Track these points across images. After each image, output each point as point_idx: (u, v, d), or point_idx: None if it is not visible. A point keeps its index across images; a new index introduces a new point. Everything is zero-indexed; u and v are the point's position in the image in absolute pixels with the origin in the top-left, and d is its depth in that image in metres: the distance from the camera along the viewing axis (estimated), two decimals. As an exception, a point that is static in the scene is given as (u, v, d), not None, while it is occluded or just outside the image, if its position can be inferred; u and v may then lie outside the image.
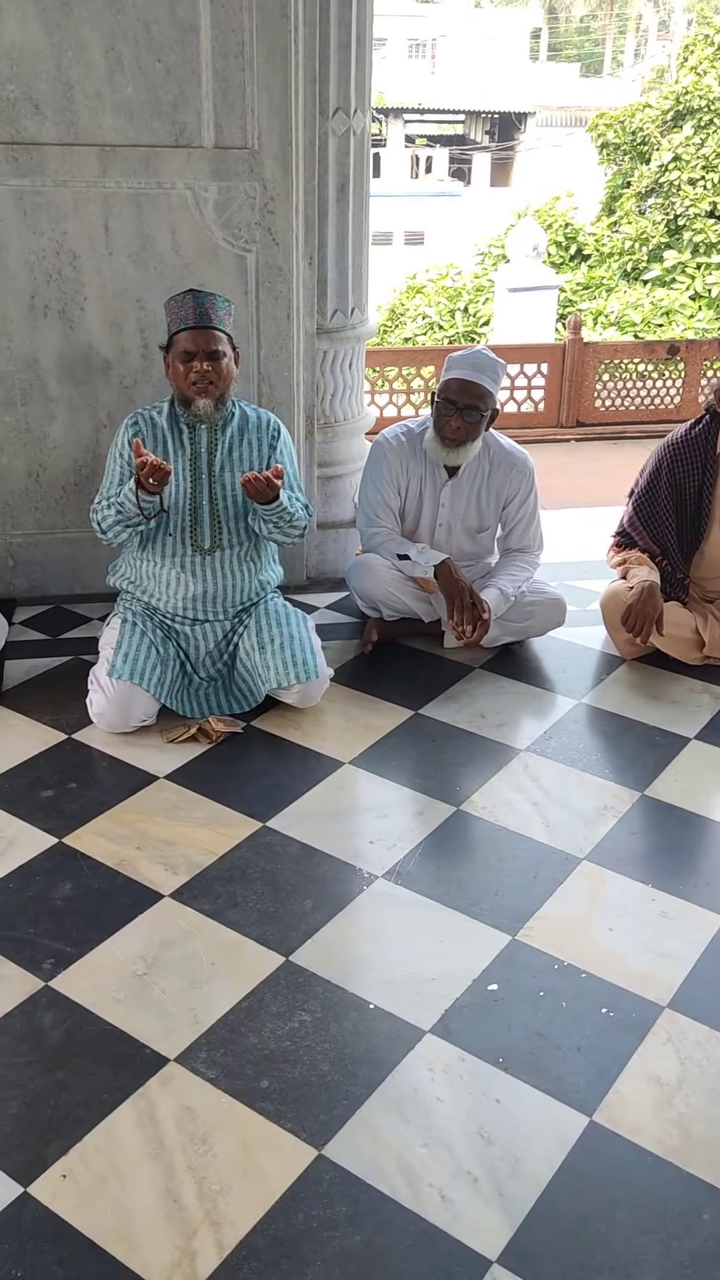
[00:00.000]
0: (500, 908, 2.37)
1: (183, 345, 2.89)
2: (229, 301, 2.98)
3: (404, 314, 13.92)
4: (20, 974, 2.15)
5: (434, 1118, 1.88)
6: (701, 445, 3.38)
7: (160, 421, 3.00)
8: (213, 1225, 1.68)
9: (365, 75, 3.47)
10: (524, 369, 7.85)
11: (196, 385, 2.89)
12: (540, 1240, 1.68)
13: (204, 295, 2.90)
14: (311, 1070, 1.96)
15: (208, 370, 2.88)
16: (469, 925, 2.32)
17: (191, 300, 2.89)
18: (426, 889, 2.43)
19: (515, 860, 2.54)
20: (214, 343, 2.89)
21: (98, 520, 2.98)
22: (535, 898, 2.41)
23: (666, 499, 3.40)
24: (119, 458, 3.00)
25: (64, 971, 2.16)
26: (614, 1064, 1.99)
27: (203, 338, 2.87)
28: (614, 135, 15.18)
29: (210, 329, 2.88)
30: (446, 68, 33.06)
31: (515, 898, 2.41)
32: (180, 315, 2.89)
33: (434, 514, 3.42)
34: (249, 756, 2.91)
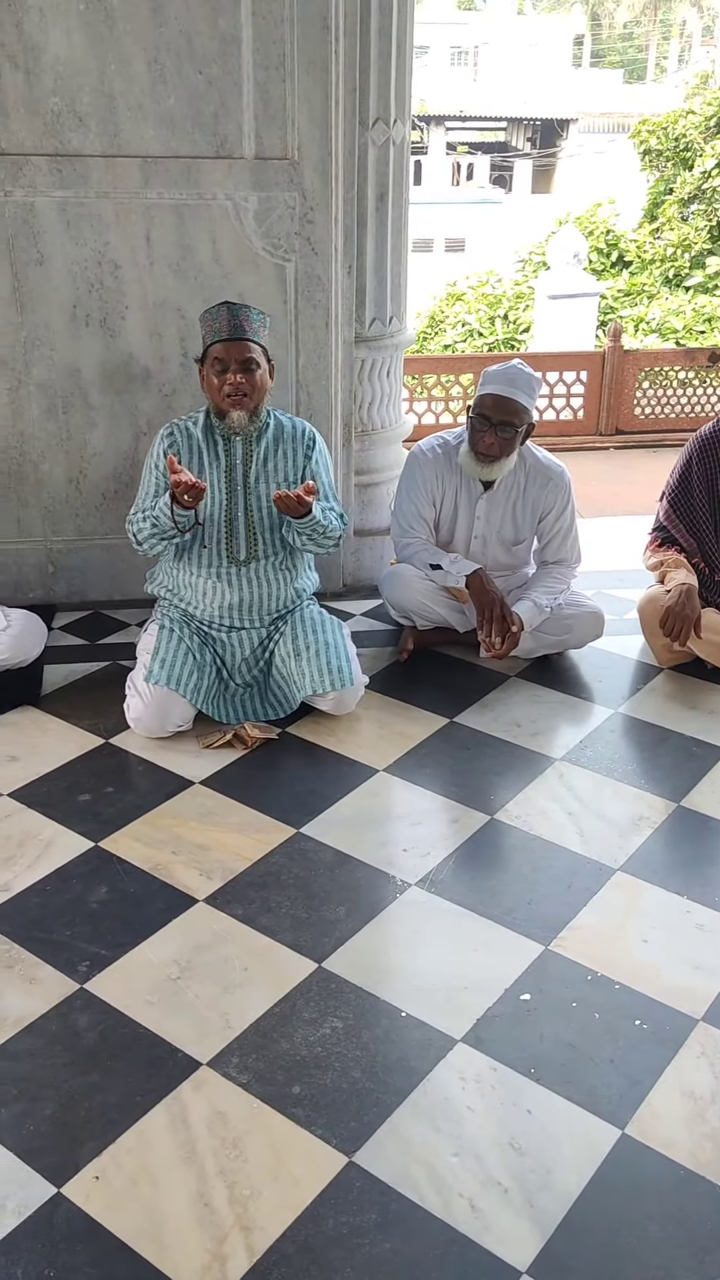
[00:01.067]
0: (534, 917, 2.37)
1: (217, 356, 2.91)
2: (264, 314, 2.99)
3: (444, 321, 13.90)
4: (56, 976, 2.18)
5: (465, 1127, 1.87)
6: None
7: (195, 432, 3.03)
8: (243, 1230, 1.69)
9: (405, 85, 3.48)
10: (563, 377, 7.82)
11: (231, 397, 2.91)
12: (571, 1252, 1.67)
13: (238, 307, 2.92)
14: (343, 1077, 1.96)
15: (241, 382, 2.89)
16: (502, 934, 2.32)
17: (226, 312, 2.90)
18: (460, 897, 2.43)
19: (549, 870, 2.53)
20: (248, 353, 2.90)
21: (133, 531, 3.02)
22: (569, 908, 2.40)
23: (700, 491, 3.39)
24: (154, 469, 3.03)
25: (99, 974, 2.18)
26: (647, 1077, 1.97)
27: (236, 349, 2.89)
28: (657, 141, 15.07)
29: (244, 340, 2.90)
30: (489, 75, 33.10)
31: (549, 907, 2.40)
32: (214, 327, 2.91)
33: (469, 526, 3.42)
34: (284, 763, 2.92)
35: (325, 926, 2.33)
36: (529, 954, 2.26)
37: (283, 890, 2.44)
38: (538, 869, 2.53)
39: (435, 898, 2.43)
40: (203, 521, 2.98)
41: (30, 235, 3.29)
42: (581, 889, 2.46)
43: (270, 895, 2.42)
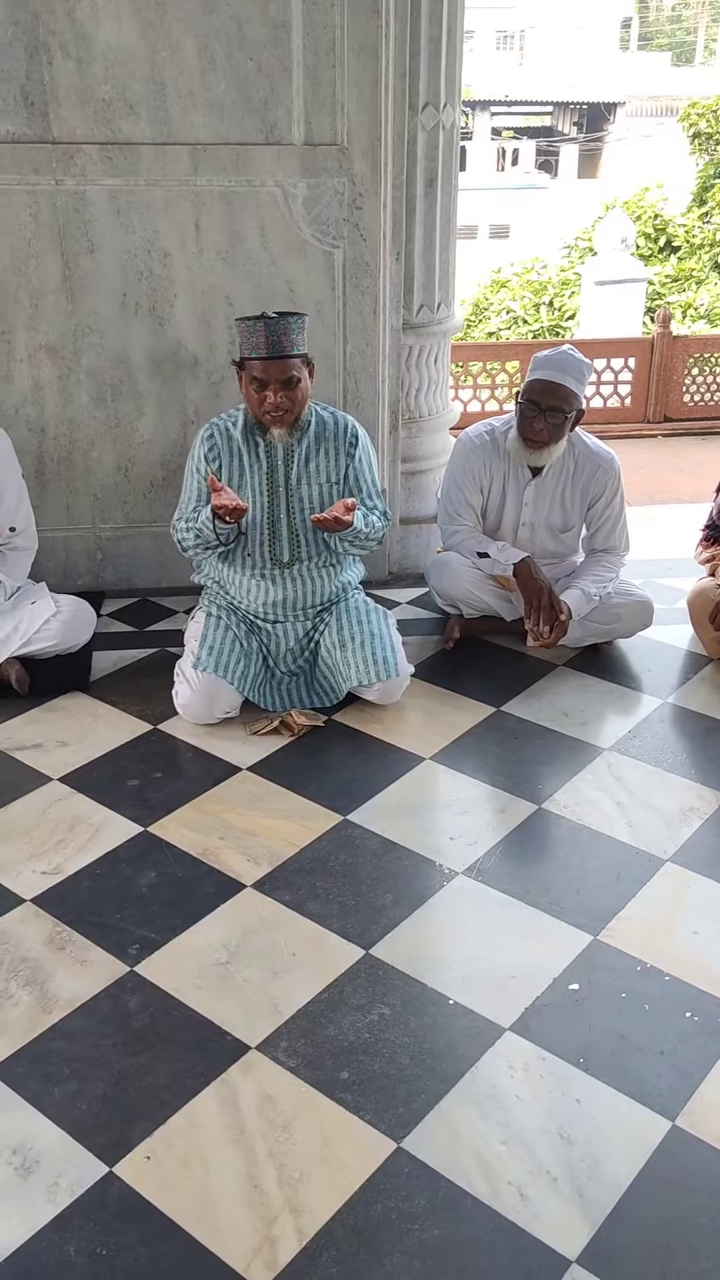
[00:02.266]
0: (582, 907, 2.35)
1: (255, 374, 2.84)
2: (302, 317, 2.87)
3: (488, 309, 13.81)
4: (107, 959, 2.20)
5: (513, 1115, 1.87)
6: None
7: (235, 435, 2.99)
8: (293, 1212, 1.70)
9: (455, 69, 3.45)
10: (610, 364, 7.73)
11: (271, 414, 2.87)
12: (620, 1243, 1.66)
13: (276, 322, 2.80)
14: (391, 1063, 1.96)
15: (282, 400, 2.85)
16: (550, 924, 2.31)
17: (264, 329, 2.79)
18: (507, 886, 2.42)
19: (597, 860, 2.51)
20: (288, 372, 2.83)
21: (178, 539, 3.03)
22: (618, 898, 2.38)
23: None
24: (195, 473, 3.02)
25: (149, 957, 2.20)
26: (698, 1069, 1.96)
27: (276, 369, 2.82)
28: (706, 125, 14.88)
29: (283, 359, 2.82)
30: (535, 59, 32.79)
31: (597, 898, 2.39)
32: (253, 342, 2.81)
33: (517, 513, 3.40)
34: (330, 750, 2.93)
35: (372, 913, 2.33)
36: (577, 944, 2.25)
37: (330, 877, 2.44)
38: (586, 859, 2.52)
39: (482, 886, 2.42)
40: (245, 531, 2.98)
41: (81, 224, 3.31)
42: (630, 879, 2.44)
43: (317, 881, 2.43)
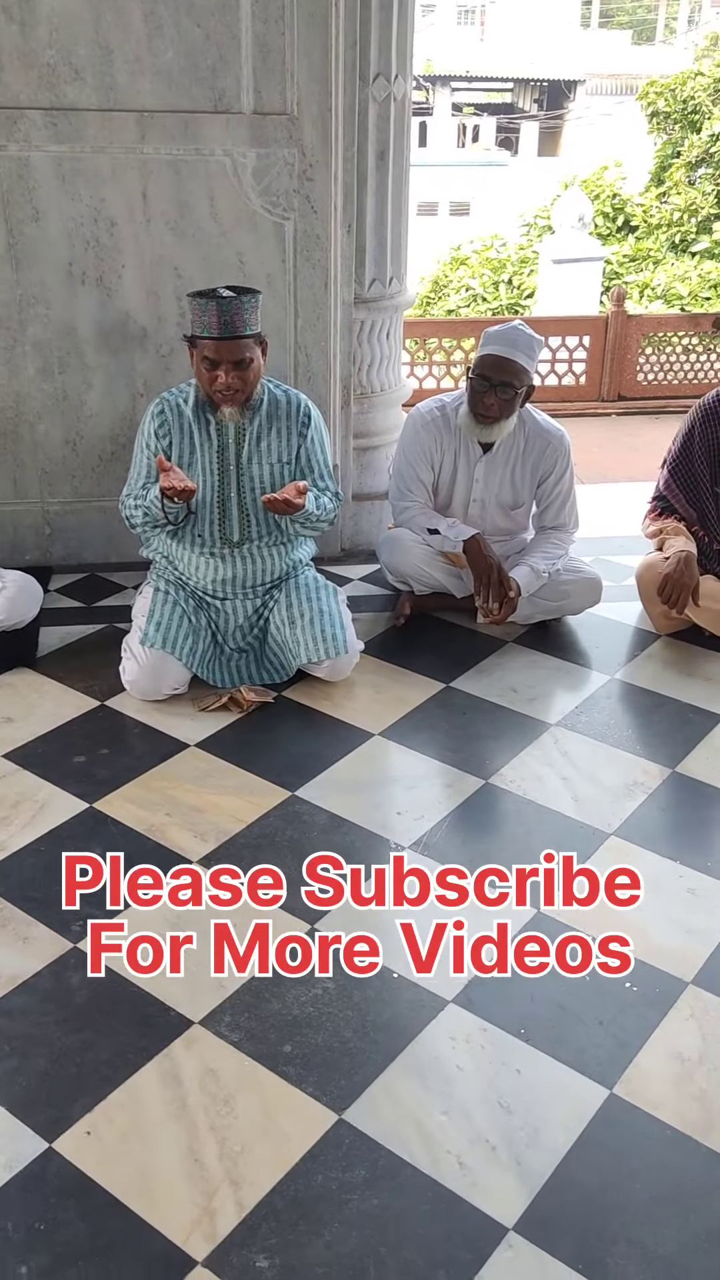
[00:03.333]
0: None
1: (206, 354, 2.80)
2: (255, 295, 2.82)
3: (447, 286, 13.78)
4: (50, 935, 2.18)
5: (454, 1086, 1.89)
6: None
7: (186, 411, 2.95)
8: (233, 1185, 1.71)
9: (407, 40, 3.42)
10: (565, 342, 7.75)
11: (221, 394, 2.85)
12: (557, 1209, 1.69)
13: (228, 301, 2.75)
14: (334, 1036, 1.97)
15: (233, 380, 2.82)
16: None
17: (216, 309, 2.74)
18: (453, 860, 2.43)
19: (542, 834, 2.53)
20: (240, 354, 2.80)
21: (126, 514, 3.00)
22: (562, 872, 2.40)
23: (701, 461, 3.38)
24: (145, 448, 2.98)
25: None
26: (636, 1038, 1.99)
27: (228, 349, 2.78)
28: (664, 104, 14.89)
29: (236, 339, 2.78)
30: (495, 34, 32.58)
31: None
32: (204, 321, 2.76)
33: (468, 489, 3.40)
34: (279, 726, 2.92)
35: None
36: (521, 917, 2.27)
37: (277, 852, 2.44)
38: (530, 833, 2.54)
39: (429, 860, 2.43)
40: (195, 511, 2.95)
41: (25, 190, 3.25)
42: (574, 853, 2.46)
43: (264, 857, 2.42)
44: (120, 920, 2.22)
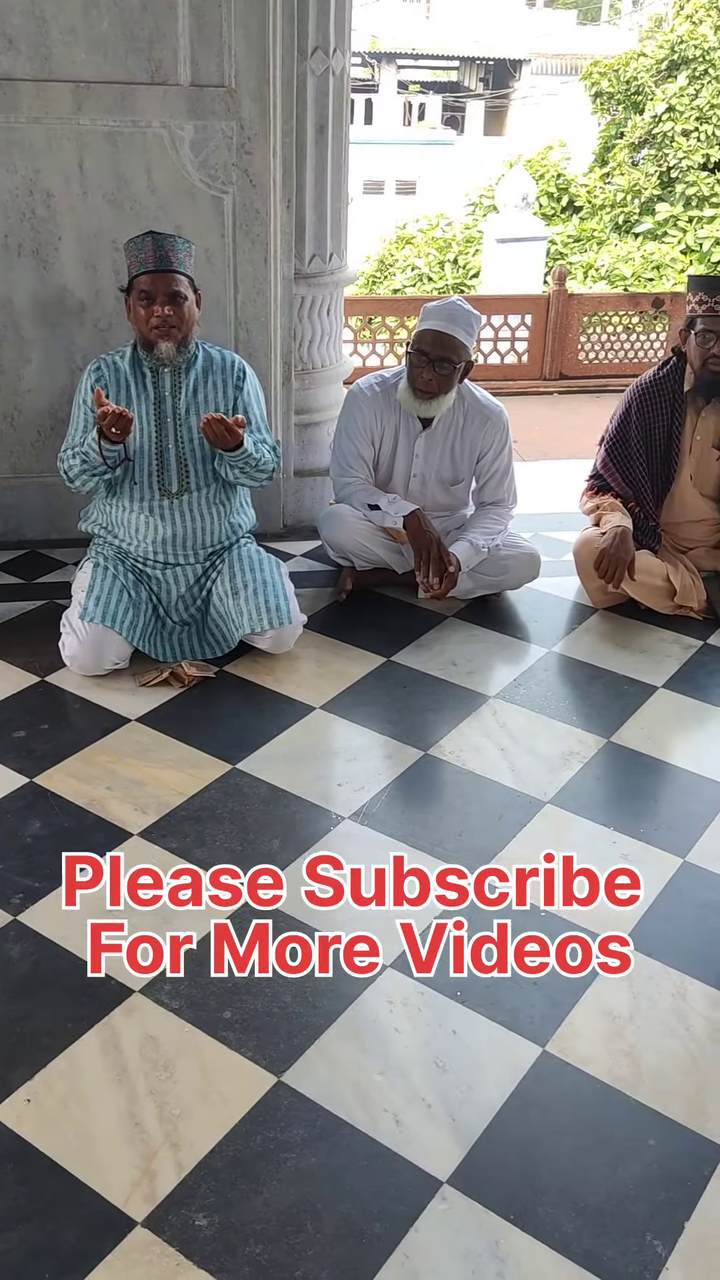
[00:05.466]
0: (464, 848, 2.41)
1: (143, 288, 2.87)
2: (189, 243, 2.95)
3: (393, 265, 13.76)
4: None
5: (391, 1047, 1.92)
6: (669, 387, 3.42)
7: (123, 366, 2.99)
8: (172, 1147, 1.73)
9: (345, 14, 3.42)
10: (507, 320, 7.79)
11: (158, 329, 2.88)
12: (489, 1162, 1.73)
13: (164, 237, 2.88)
14: (273, 1002, 2.00)
15: (169, 314, 2.87)
16: (433, 865, 2.36)
17: (151, 242, 2.85)
18: (392, 830, 2.47)
19: (480, 803, 2.58)
20: (174, 285, 2.87)
21: (64, 469, 2.99)
22: (499, 839, 2.45)
23: (637, 440, 3.43)
24: (83, 404, 2.99)
25: (32, 906, 2.20)
26: (569, 998, 2.04)
27: (162, 281, 2.86)
28: (608, 84, 14.94)
29: (170, 272, 2.86)
30: (441, 12, 32.40)
31: (479, 839, 2.45)
32: (140, 258, 2.87)
33: (408, 465, 3.42)
34: (221, 700, 2.93)
35: (259, 859, 2.36)
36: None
37: (218, 824, 2.46)
38: (469, 802, 2.58)
39: (368, 830, 2.47)
40: (132, 457, 2.95)
41: (-41, 161, 3.20)
42: (512, 821, 2.51)
43: (205, 829, 2.44)
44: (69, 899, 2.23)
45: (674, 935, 2.19)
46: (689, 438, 3.46)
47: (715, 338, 3.30)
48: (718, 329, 3.29)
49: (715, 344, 3.30)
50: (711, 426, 3.45)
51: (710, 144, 13.73)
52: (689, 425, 3.45)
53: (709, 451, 3.46)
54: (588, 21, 36.37)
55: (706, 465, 3.48)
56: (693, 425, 3.45)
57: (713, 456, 3.47)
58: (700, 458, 3.47)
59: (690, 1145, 1.77)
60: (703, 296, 3.30)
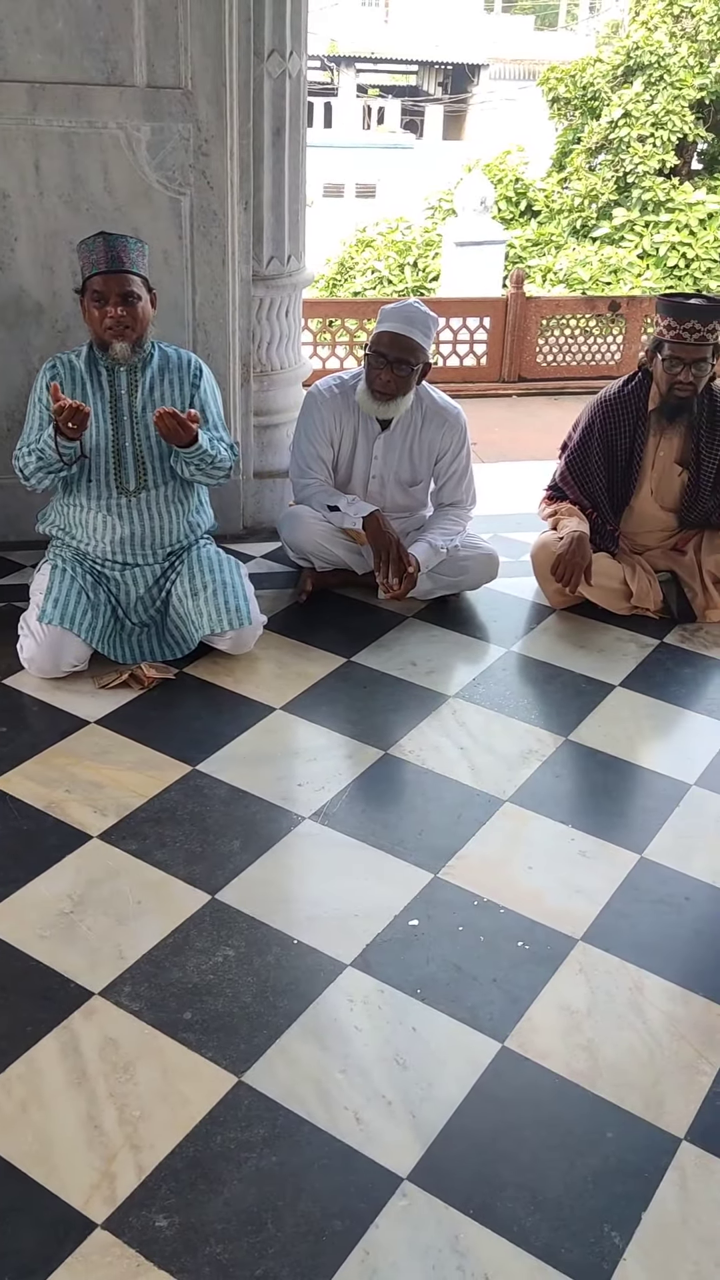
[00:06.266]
0: (424, 847, 2.43)
1: (95, 288, 2.87)
2: (142, 242, 2.96)
3: (353, 268, 13.78)
4: (-54, 913, 2.17)
5: (352, 1045, 1.93)
6: (634, 403, 3.43)
7: (79, 365, 2.99)
8: (133, 1149, 1.73)
9: (301, 17, 3.42)
10: (466, 323, 7.83)
11: (112, 329, 2.88)
12: (449, 1158, 1.74)
13: (115, 238, 2.88)
14: (234, 1002, 2.00)
15: (123, 315, 2.87)
16: (392, 864, 2.37)
17: (102, 243, 2.85)
18: (353, 829, 2.48)
19: (440, 802, 2.59)
20: (127, 286, 2.87)
21: (20, 467, 2.97)
22: (458, 837, 2.46)
23: (598, 455, 3.44)
24: (38, 403, 2.99)
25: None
26: (527, 994, 2.05)
27: (115, 281, 2.86)
28: (565, 90, 15.04)
29: (123, 273, 2.86)
30: (400, 16, 32.51)
31: (439, 837, 2.46)
32: (92, 259, 2.87)
33: (367, 466, 3.44)
34: (181, 702, 2.93)
35: (219, 859, 2.36)
36: (418, 882, 2.32)
37: (177, 825, 2.46)
38: (429, 801, 2.59)
39: (329, 830, 2.47)
40: (88, 454, 2.94)
41: None
42: (471, 820, 2.53)
43: (165, 831, 2.44)
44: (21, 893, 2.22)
45: (631, 930, 2.22)
46: (652, 454, 3.46)
47: (682, 365, 3.29)
48: (684, 356, 3.28)
49: (682, 371, 3.29)
50: (675, 444, 3.45)
51: (666, 150, 13.88)
52: (652, 442, 3.45)
53: (671, 468, 3.47)
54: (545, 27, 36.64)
55: (668, 481, 3.49)
56: (655, 443, 3.45)
57: (675, 473, 3.48)
58: (662, 474, 3.48)
59: (647, 1137, 1.79)
60: (671, 322, 3.28)
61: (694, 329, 3.24)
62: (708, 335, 3.25)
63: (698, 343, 3.26)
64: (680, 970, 2.12)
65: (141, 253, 2.93)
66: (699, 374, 3.30)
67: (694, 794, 2.66)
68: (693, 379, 3.30)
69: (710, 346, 3.28)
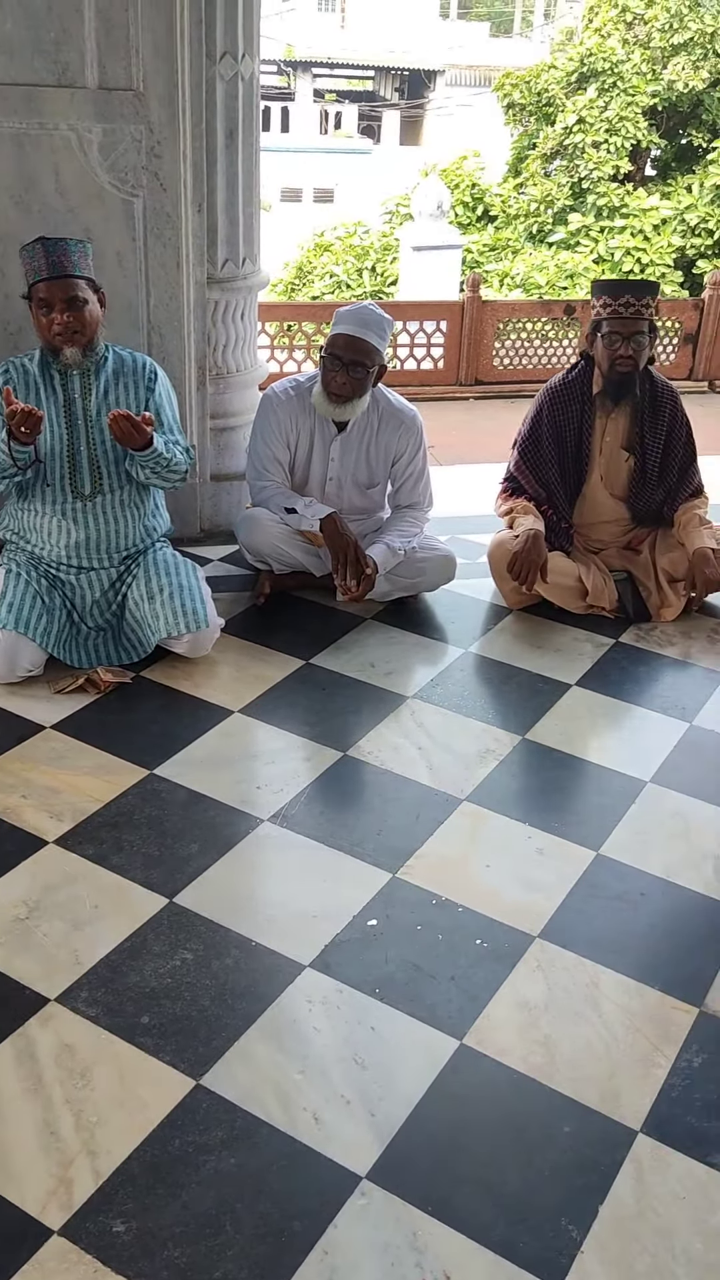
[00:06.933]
0: (382, 847, 2.43)
1: (40, 295, 2.85)
2: (83, 242, 2.94)
3: (312, 272, 13.79)
4: None
5: (311, 1046, 1.93)
6: (578, 389, 3.50)
7: (32, 368, 2.97)
8: (90, 1154, 1.72)
9: (253, 20, 3.42)
10: (423, 326, 7.87)
11: (60, 335, 2.86)
12: (408, 1156, 1.75)
13: (54, 242, 2.86)
14: (192, 1005, 1.99)
15: (69, 320, 2.85)
16: (351, 864, 2.38)
17: (42, 249, 2.83)
18: (311, 831, 2.48)
19: (399, 802, 2.60)
20: (71, 290, 2.85)
21: None
22: (416, 837, 2.47)
23: (549, 442, 3.50)
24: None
25: (-56, 917, 2.16)
26: (485, 991, 2.06)
27: (59, 288, 2.83)
28: (520, 96, 15.13)
29: (66, 278, 2.84)
30: (356, 22, 32.62)
31: (397, 837, 2.47)
32: (34, 266, 2.85)
33: (324, 468, 3.44)
34: (138, 706, 2.91)
35: (177, 863, 2.35)
36: (377, 882, 2.33)
37: (135, 830, 2.44)
38: (387, 801, 2.60)
39: (287, 832, 2.47)
40: (43, 459, 2.92)
41: None
42: (429, 819, 2.53)
43: (122, 835, 2.42)
44: (-27, 903, 2.19)
45: (587, 926, 2.24)
46: (599, 439, 3.54)
47: (621, 339, 3.38)
48: (623, 330, 3.37)
49: (621, 345, 3.38)
50: (621, 428, 3.53)
51: (620, 156, 14.01)
52: (598, 427, 3.53)
53: (618, 453, 3.55)
54: (500, 33, 36.90)
55: (616, 466, 3.56)
56: (602, 427, 3.53)
57: (622, 458, 3.55)
58: (610, 459, 3.55)
59: (604, 1130, 1.81)
60: (606, 299, 3.39)
61: (629, 303, 3.36)
62: (642, 310, 3.38)
63: (633, 316, 3.37)
64: (635, 964, 2.14)
65: (84, 254, 2.91)
66: (638, 348, 3.40)
67: (649, 790, 2.69)
68: (632, 353, 3.39)
69: (646, 321, 3.39)
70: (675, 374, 8.49)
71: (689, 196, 13.50)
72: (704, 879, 2.40)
